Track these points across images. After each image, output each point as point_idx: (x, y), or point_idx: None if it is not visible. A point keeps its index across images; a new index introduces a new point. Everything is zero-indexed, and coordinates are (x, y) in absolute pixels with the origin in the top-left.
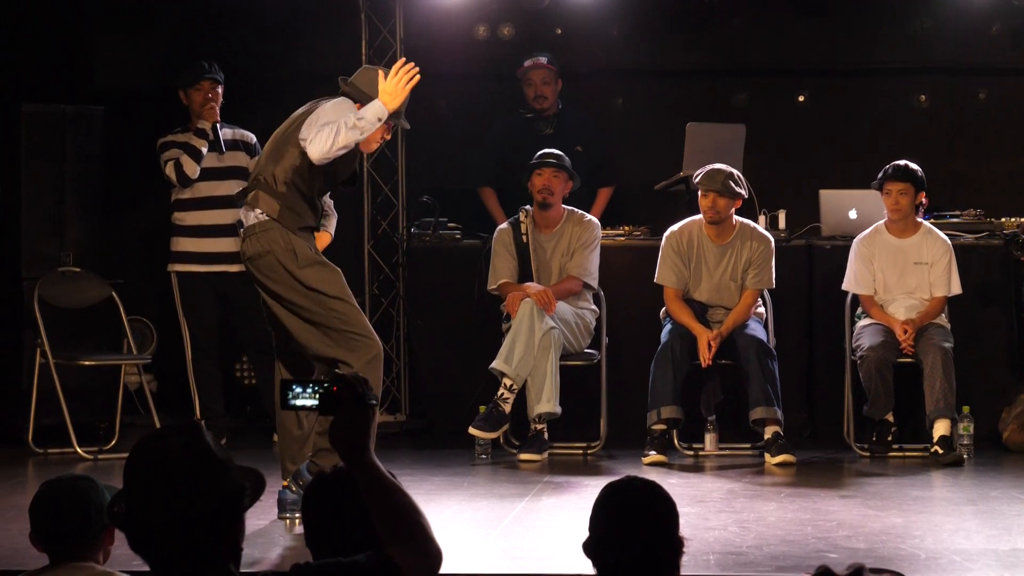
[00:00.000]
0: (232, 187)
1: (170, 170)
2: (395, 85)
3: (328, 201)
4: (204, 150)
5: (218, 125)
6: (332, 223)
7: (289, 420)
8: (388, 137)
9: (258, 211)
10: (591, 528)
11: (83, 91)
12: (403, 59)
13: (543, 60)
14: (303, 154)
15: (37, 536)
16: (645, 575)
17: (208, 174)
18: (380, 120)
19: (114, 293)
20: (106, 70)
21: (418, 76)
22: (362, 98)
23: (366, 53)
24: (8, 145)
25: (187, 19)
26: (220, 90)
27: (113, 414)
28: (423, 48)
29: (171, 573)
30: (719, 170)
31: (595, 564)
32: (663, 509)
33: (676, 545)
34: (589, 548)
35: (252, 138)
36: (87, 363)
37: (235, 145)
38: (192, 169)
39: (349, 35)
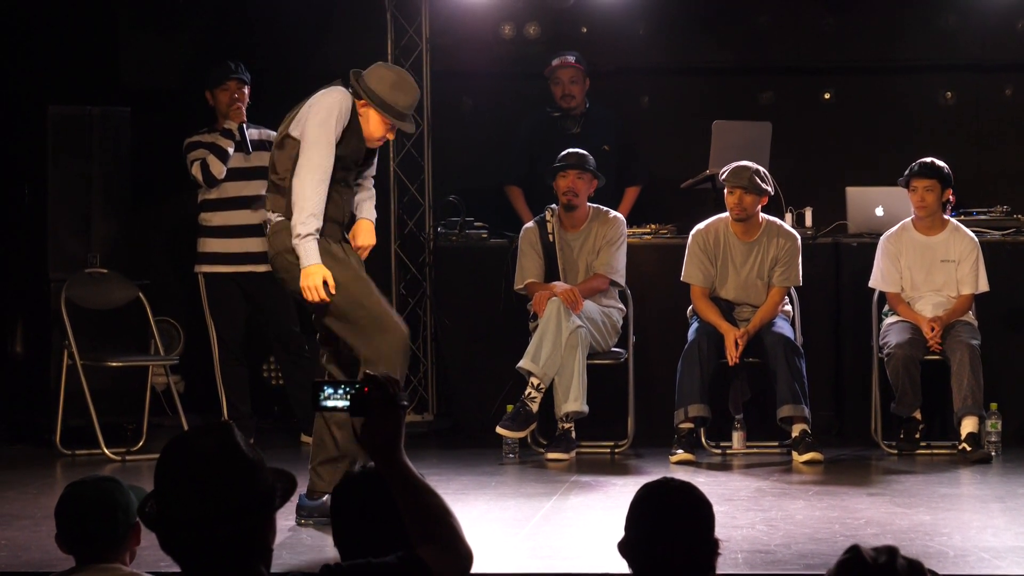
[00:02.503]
0: (259, 187)
1: (196, 170)
2: (311, 289)
3: (365, 183)
4: (231, 150)
5: (244, 125)
6: (367, 207)
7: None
8: (391, 136)
9: (271, 213)
10: (628, 527)
11: (110, 92)
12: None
13: (571, 59)
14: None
15: (63, 538)
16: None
17: (235, 174)
18: (308, 259)
19: (141, 294)
20: (133, 71)
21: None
22: (368, 96)
23: (392, 52)
24: (35, 146)
25: (214, 19)
26: (247, 90)
27: (140, 415)
28: (449, 47)
29: (201, 574)
30: (745, 167)
31: (631, 564)
32: (701, 511)
33: (712, 547)
34: (625, 547)
35: None
36: (114, 364)
37: (262, 145)
38: (219, 169)
39: (375, 35)
